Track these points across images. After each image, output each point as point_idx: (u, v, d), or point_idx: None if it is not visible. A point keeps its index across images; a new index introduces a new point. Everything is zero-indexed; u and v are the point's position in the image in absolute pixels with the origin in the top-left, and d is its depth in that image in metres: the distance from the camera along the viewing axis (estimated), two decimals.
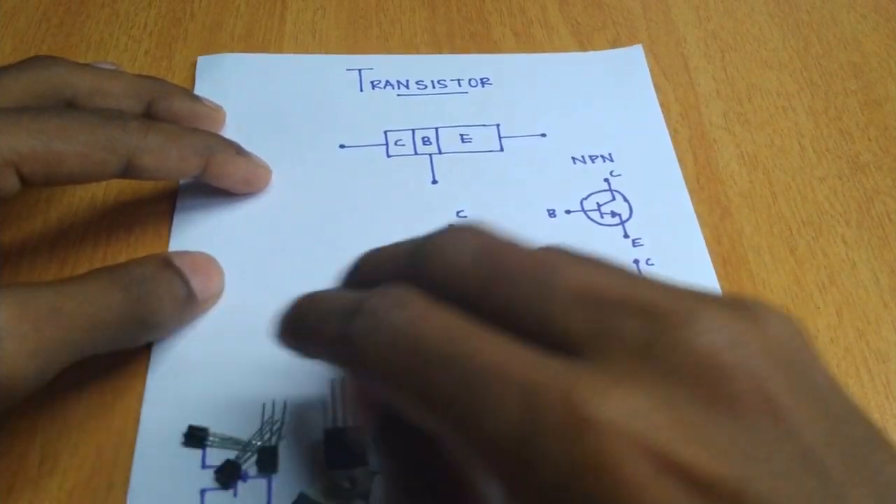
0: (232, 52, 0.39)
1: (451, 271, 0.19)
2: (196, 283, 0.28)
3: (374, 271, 0.22)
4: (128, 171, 0.27)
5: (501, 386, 0.16)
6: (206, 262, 0.29)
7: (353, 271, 0.23)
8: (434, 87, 0.38)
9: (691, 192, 0.35)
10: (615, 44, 0.41)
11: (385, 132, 0.36)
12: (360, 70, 0.38)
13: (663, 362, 0.16)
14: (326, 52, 0.39)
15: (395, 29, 0.41)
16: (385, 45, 0.40)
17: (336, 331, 0.19)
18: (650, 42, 0.41)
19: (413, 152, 0.35)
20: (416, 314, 0.18)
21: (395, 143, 0.36)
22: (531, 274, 0.18)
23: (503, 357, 0.16)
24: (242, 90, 0.37)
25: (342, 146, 0.35)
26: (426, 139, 0.36)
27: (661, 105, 0.38)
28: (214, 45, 0.39)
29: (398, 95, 0.38)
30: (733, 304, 0.17)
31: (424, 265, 0.19)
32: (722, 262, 0.32)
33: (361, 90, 0.38)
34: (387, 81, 0.38)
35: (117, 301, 0.24)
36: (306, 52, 0.39)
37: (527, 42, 0.41)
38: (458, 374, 0.16)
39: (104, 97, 0.30)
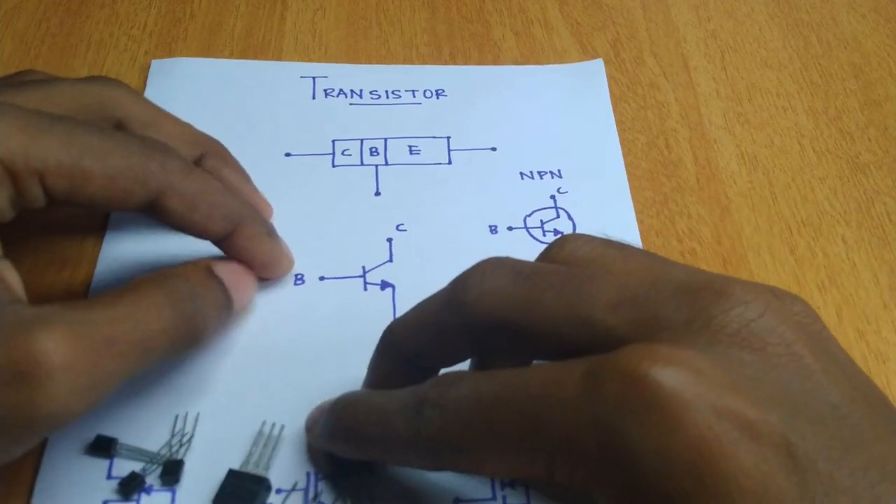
0: (231, 51, 0.39)
1: (494, 295, 0.20)
2: (235, 295, 0.27)
3: (408, 338, 0.23)
4: (152, 208, 0.25)
5: (561, 388, 0.17)
6: (243, 272, 0.28)
7: (385, 346, 0.24)
8: (388, 97, 0.37)
9: (691, 191, 0.35)
10: (615, 44, 0.41)
11: (333, 141, 0.35)
12: (314, 78, 0.38)
13: (704, 334, 0.17)
14: (326, 52, 0.40)
15: (395, 29, 0.41)
16: (385, 46, 0.40)
17: (406, 429, 0.20)
18: (650, 42, 0.41)
19: (359, 163, 0.34)
20: (471, 381, 0.19)
21: (342, 153, 0.35)
22: (569, 285, 0.19)
23: (557, 369, 0.18)
24: (192, 95, 0.35)
25: (288, 154, 0.34)
26: (374, 150, 0.35)
27: (661, 105, 0.38)
28: (214, 45, 0.39)
29: (350, 104, 0.37)
30: (754, 283, 0.19)
31: (468, 296, 0.21)
32: (722, 261, 0.32)
33: (314, 98, 0.37)
34: (340, 90, 0.37)
35: (169, 322, 0.23)
36: (306, 52, 0.39)
37: (527, 42, 0.41)
38: (524, 401, 0.17)
39: (157, 132, 0.29)
